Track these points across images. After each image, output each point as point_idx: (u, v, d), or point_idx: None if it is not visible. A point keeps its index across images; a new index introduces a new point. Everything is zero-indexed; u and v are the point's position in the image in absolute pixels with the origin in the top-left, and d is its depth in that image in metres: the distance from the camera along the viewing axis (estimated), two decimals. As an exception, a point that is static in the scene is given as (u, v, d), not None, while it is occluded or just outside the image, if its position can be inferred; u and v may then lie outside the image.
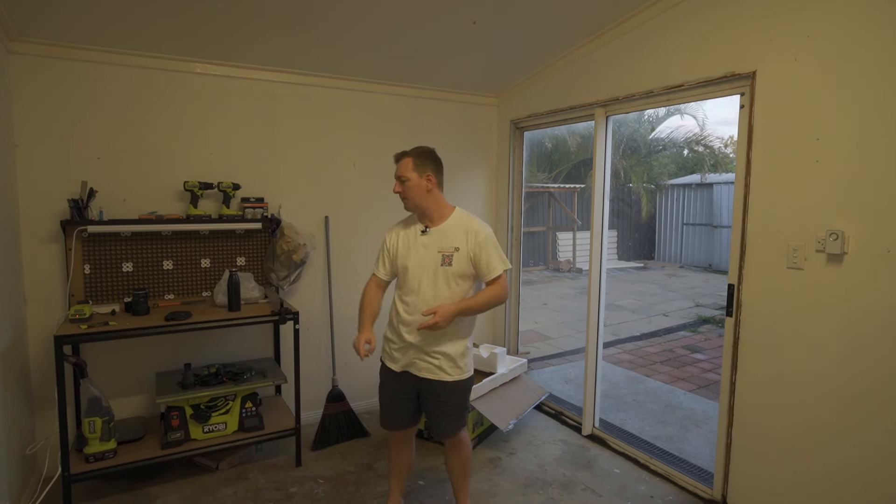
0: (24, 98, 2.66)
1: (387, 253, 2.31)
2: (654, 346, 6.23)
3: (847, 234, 2.04)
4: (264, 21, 2.69)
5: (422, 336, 2.17)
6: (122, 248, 2.90)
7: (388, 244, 2.31)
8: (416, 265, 2.18)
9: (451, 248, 2.15)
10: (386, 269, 2.32)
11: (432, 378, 2.20)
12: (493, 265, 2.15)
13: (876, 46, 1.95)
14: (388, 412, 2.34)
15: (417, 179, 2.18)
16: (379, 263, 2.34)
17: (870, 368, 2.00)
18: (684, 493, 2.72)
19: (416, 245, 2.21)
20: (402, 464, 2.46)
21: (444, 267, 2.15)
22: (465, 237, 2.16)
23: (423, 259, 2.18)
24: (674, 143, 13.41)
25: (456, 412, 2.26)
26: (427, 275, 2.16)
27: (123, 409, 2.98)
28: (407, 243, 2.24)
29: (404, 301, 2.22)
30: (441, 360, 2.18)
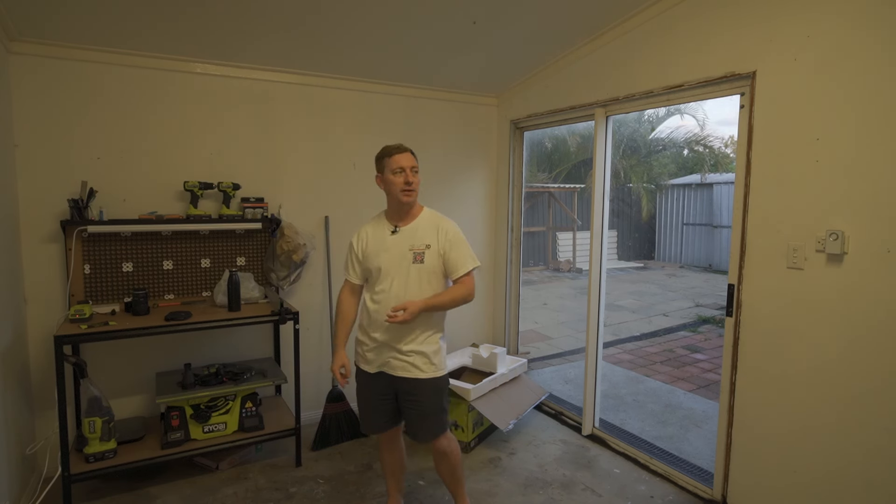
0: (24, 98, 2.66)
1: (355, 256, 2.28)
2: (654, 346, 6.23)
3: (847, 234, 2.04)
4: (264, 21, 2.69)
5: (393, 334, 2.18)
6: (122, 248, 2.90)
7: (357, 247, 2.27)
8: (388, 264, 2.18)
9: (423, 246, 2.18)
10: (357, 273, 2.29)
11: (407, 376, 2.20)
12: (464, 262, 2.19)
13: (876, 46, 1.95)
14: (367, 416, 2.34)
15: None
16: (349, 268, 2.31)
17: (870, 368, 2.00)
18: (684, 493, 2.72)
19: (387, 244, 2.20)
20: (394, 464, 2.47)
21: (416, 264, 2.16)
22: (437, 234, 2.19)
23: (395, 258, 2.18)
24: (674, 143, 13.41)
25: (434, 412, 2.24)
26: (399, 273, 2.17)
27: (123, 409, 2.98)
28: (377, 244, 2.22)
29: (375, 301, 2.21)
30: (414, 357, 2.19)
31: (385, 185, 2.21)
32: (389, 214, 2.27)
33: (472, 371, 3.64)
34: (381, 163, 2.22)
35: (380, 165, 2.23)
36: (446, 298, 2.18)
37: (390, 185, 2.18)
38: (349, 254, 2.31)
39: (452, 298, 2.19)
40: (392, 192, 2.19)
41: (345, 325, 2.32)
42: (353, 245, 2.29)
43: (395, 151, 2.20)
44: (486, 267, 4.19)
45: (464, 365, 3.71)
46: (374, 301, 2.22)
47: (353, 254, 2.29)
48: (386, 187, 2.21)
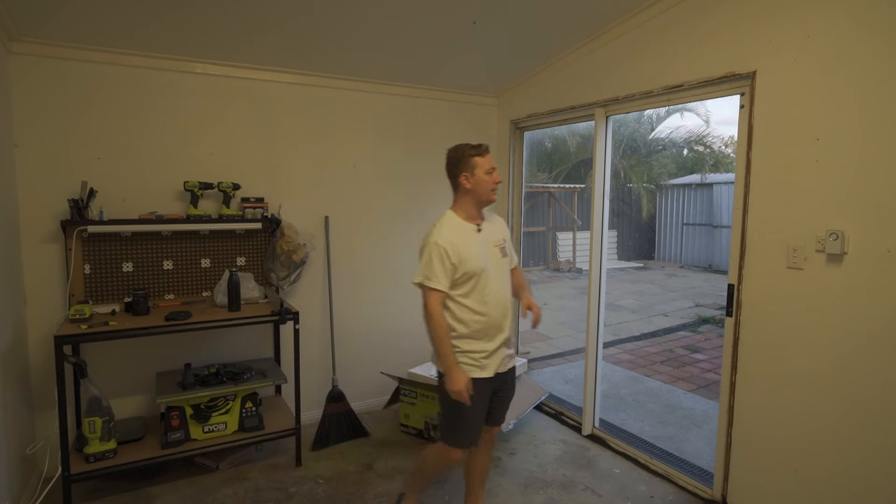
0: (23, 98, 2.66)
1: (450, 263, 2.07)
2: (654, 346, 6.23)
3: (847, 234, 2.04)
4: (264, 21, 2.69)
5: (505, 333, 2.22)
6: (122, 248, 2.90)
7: (450, 252, 2.07)
8: (488, 263, 2.15)
9: (501, 240, 2.26)
10: (449, 281, 2.10)
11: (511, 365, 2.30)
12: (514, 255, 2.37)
13: (876, 46, 1.95)
14: (476, 426, 2.20)
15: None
16: (441, 275, 2.07)
17: (870, 368, 2.00)
18: (684, 493, 2.72)
19: (480, 244, 2.15)
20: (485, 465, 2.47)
21: (504, 259, 2.25)
22: (502, 228, 2.32)
23: (490, 256, 2.17)
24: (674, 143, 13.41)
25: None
26: (497, 271, 2.19)
27: (123, 409, 2.98)
28: (470, 246, 2.12)
29: (486, 303, 2.13)
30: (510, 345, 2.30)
31: (473, 184, 2.15)
32: (466, 214, 2.18)
33: (472, 371, 3.63)
34: (471, 162, 2.15)
35: (468, 164, 2.15)
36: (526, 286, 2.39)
37: (481, 184, 2.15)
38: (440, 262, 2.07)
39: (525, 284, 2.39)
40: (480, 192, 2.15)
41: (449, 339, 2.11)
42: (444, 252, 2.07)
43: (486, 151, 2.19)
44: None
45: (464, 365, 3.70)
46: (484, 303, 2.13)
47: (446, 261, 2.07)
48: (473, 186, 2.15)
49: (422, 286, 2.10)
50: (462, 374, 2.08)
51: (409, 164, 3.75)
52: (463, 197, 2.20)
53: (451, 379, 2.06)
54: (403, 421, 3.38)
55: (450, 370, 2.07)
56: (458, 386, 2.04)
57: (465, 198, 2.19)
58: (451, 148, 2.25)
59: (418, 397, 3.29)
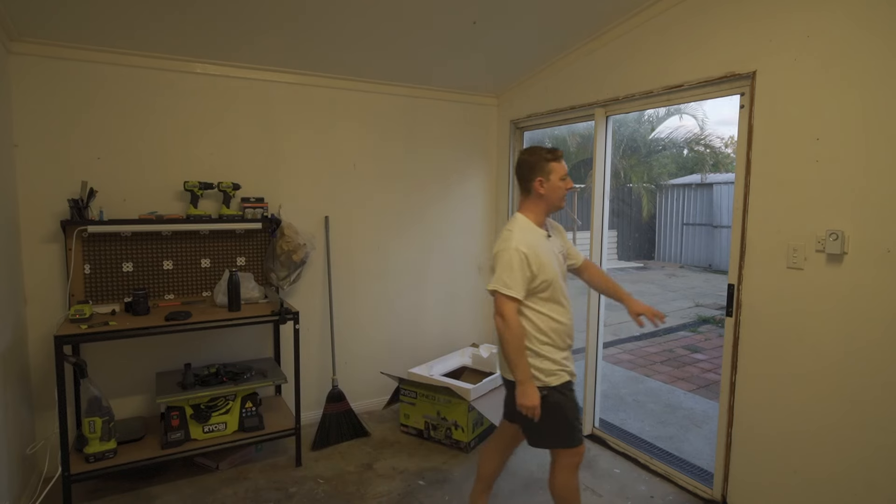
0: (23, 98, 2.66)
1: (530, 270, 2.03)
2: (654, 346, 6.23)
3: (847, 234, 2.04)
4: (265, 21, 2.69)
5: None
6: (122, 248, 2.90)
7: (531, 260, 2.03)
8: (559, 270, 2.14)
9: (561, 245, 2.25)
10: (525, 290, 2.04)
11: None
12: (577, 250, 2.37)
13: (876, 46, 1.95)
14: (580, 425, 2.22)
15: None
16: (520, 283, 2.02)
17: (870, 368, 2.00)
18: (684, 493, 2.72)
19: (549, 251, 2.12)
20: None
21: (563, 264, 2.24)
22: (563, 232, 2.32)
23: (559, 263, 2.16)
24: (674, 143, 13.40)
25: None
26: (561, 276, 2.16)
27: (123, 409, 2.98)
28: (544, 252, 2.08)
29: (563, 311, 2.15)
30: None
31: (547, 189, 2.10)
32: (536, 220, 2.14)
33: (472, 371, 3.64)
34: (547, 167, 2.09)
35: (544, 169, 2.09)
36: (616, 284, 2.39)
37: (555, 190, 2.10)
38: (520, 269, 2.01)
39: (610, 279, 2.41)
40: (553, 198, 2.11)
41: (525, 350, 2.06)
42: (526, 258, 2.02)
43: (561, 157, 2.13)
44: (487, 267, 4.19)
45: (464, 365, 3.71)
46: (562, 312, 2.14)
47: (526, 268, 2.02)
48: (547, 192, 2.10)
49: (497, 293, 2.02)
50: (535, 390, 2.02)
51: (409, 164, 3.75)
52: (535, 202, 2.14)
53: (525, 393, 2.00)
54: (403, 421, 3.38)
55: (524, 384, 2.00)
56: (533, 401, 1.99)
57: (536, 203, 2.13)
58: (524, 150, 2.20)
59: (418, 397, 3.29)
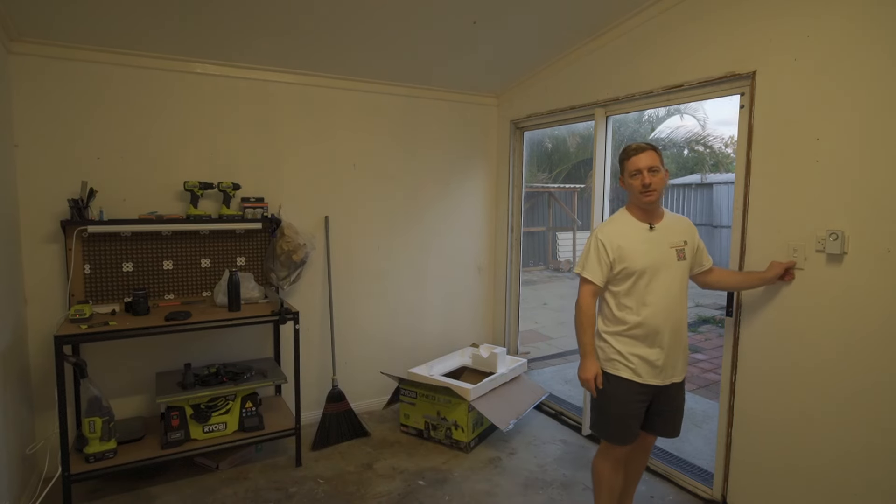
0: (24, 98, 2.66)
1: (605, 256, 2.09)
2: (654, 346, 6.22)
3: (847, 234, 2.04)
4: (265, 21, 2.69)
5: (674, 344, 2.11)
6: (122, 248, 2.90)
7: (608, 247, 2.09)
8: (655, 262, 2.08)
9: (682, 242, 2.14)
10: (604, 275, 2.12)
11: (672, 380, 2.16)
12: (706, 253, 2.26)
13: (876, 46, 1.95)
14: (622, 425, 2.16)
15: (665, 173, 2.12)
16: (595, 268, 2.11)
17: (870, 368, 2.00)
18: (684, 493, 2.72)
19: (648, 243, 2.10)
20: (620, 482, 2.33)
21: (680, 262, 2.12)
22: (688, 231, 2.19)
23: (662, 257, 2.09)
24: (674, 143, 13.40)
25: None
26: (666, 271, 2.09)
27: (123, 409, 2.98)
28: (636, 242, 2.09)
29: (648, 304, 2.08)
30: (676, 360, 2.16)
31: (626, 186, 2.15)
32: (638, 213, 2.15)
33: (472, 371, 3.64)
34: (622, 166, 2.15)
35: (622, 168, 2.16)
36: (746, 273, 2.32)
37: (630, 187, 2.12)
38: (595, 254, 2.11)
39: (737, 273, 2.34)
40: (632, 194, 2.13)
41: (592, 330, 2.16)
42: (602, 245, 2.10)
43: (633, 153, 2.10)
44: (487, 267, 4.20)
45: (464, 365, 3.71)
46: (644, 304, 2.07)
47: (602, 253, 2.10)
48: (626, 189, 2.16)
49: (579, 275, 2.17)
50: (594, 364, 2.13)
51: (409, 164, 3.75)
52: (631, 197, 2.18)
53: (582, 366, 2.15)
54: (403, 421, 3.38)
55: (584, 357, 2.15)
56: (587, 374, 2.13)
57: (631, 198, 2.18)
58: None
59: (418, 397, 3.29)
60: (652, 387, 2.12)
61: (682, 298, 2.13)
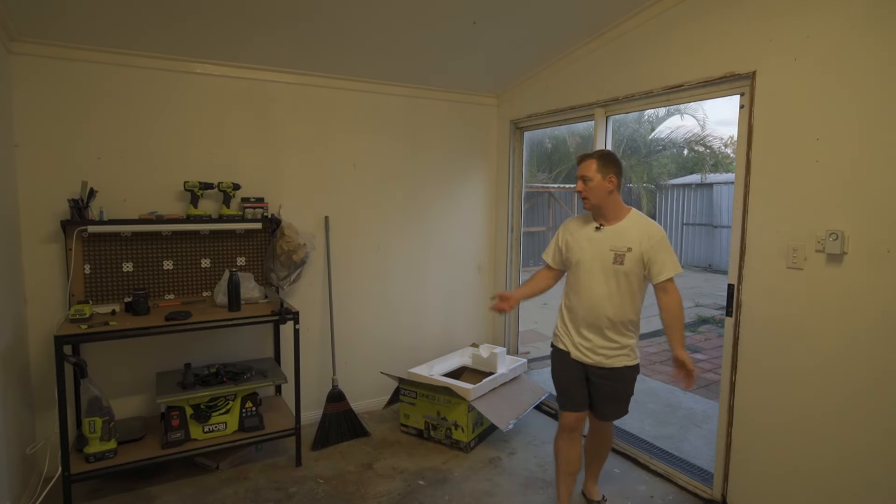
0: (24, 98, 2.66)
1: (558, 243, 2.42)
2: (654, 346, 6.23)
3: (847, 234, 2.04)
4: (265, 21, 2.69)
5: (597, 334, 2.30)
6: (122, 248, 2.90)
7: (562, 236, 2.41)
8: (588, 259, 2.28)
9: (624, 248, 2.22)
10: (555, 259, 2.44)
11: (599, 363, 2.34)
12: (664, 268, 2.20)
13: (876, 46, 1.95)
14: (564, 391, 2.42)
15: (601, 180, 2.24)
16: (551, 251, 2.46)
17: (870, 368, 2.00)
18: (684, 493, 2.72)
19: (590, 241, 2.29)
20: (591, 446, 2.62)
21: (615, 265, 2.22)
22: (640, 238, 2.21)
23: (595, 254, 2.27)
24: (674, 143, 13.40)
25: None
26: (597, 272, 2.25)
27: (123, 409, 2.98)
28: (580, 237, 2.33)
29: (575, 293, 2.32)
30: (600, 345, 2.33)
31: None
32: (593, 214, 2.34)
33: (472, 371, 3.64)
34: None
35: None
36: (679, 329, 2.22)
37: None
38: (554, 241, 2.45)
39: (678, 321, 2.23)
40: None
41: (531, 286, 2.49)
42: (558, 234, 2.44)
43: (580, 161, 2.32)
44: (487, 267, 4.20)
45: (464, 365, 3.71)
46: (574, 293, 2.33)
47: (557, 240, 2.43)
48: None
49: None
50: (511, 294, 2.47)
51: (409, 164, 3.75)
52: None
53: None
54: (403, 421, 3.38)
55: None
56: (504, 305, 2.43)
57: None
58: None
59: (418, 397, 3.29)
60: (583, 364, 2.34)
61: (611, 298, 2.24)
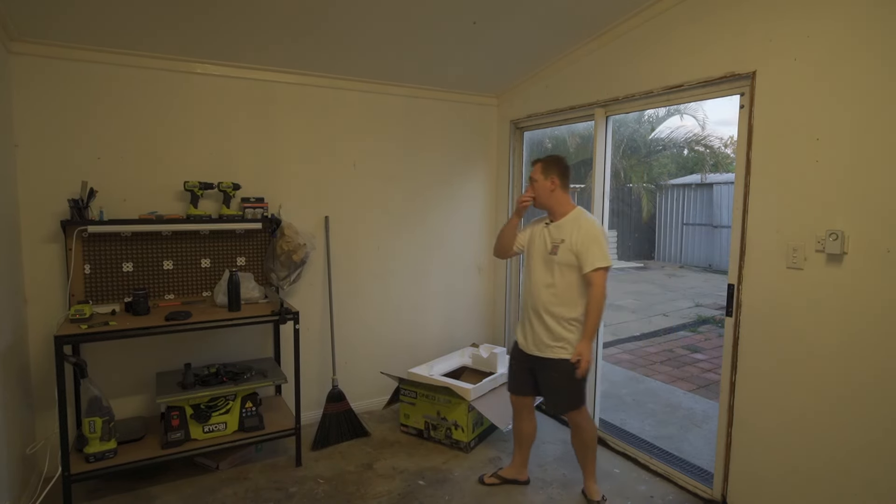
0: (24, 98, 2.66)
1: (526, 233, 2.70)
2: (654, 346, 6.23)
3: (847, 234, 2.04)
4: (265, 22, 2.69)
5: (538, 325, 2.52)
6: (122, 248, 2.90)
7: (528, 230, 2.69)
8: (535, 251, 2.58)
9: (559, 240, 2.48)
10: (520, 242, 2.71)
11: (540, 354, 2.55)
12: (591, 259, 2.39)
13: (876, 46, 1.95)
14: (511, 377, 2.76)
15: (543, 181, 2.53)
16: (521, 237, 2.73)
17: (870, 368, 2.00)
18: (684, 493, 2.72)
19: (539, 237, 2.58)
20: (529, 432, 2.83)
21: (550, 255, 2.49)
22: (572, 230, 2.46)
23: (540, 247, 2.56)
24: (674, 143, 13.40)
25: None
26: (539, 262, 2.55)
27: (123, 409, 2.98)
28: (533, 234, 2.63)
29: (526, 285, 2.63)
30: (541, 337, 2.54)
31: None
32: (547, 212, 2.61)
33: (472, 371, 3.64)
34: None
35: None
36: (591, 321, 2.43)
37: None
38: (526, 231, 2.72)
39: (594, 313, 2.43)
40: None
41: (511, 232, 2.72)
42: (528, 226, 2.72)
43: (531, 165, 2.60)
44: (487, 267, 4.20)
45: (464, 365, 3.71)
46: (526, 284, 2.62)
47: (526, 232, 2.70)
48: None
49: None
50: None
51: (409, 164, 3.75)
52: None
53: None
54: (403, 421, 3.38)
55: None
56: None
57: None
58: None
59: (418, 397, 3.29)
60: (527, 355, 2.58)
61: (549, 287, 2.49)
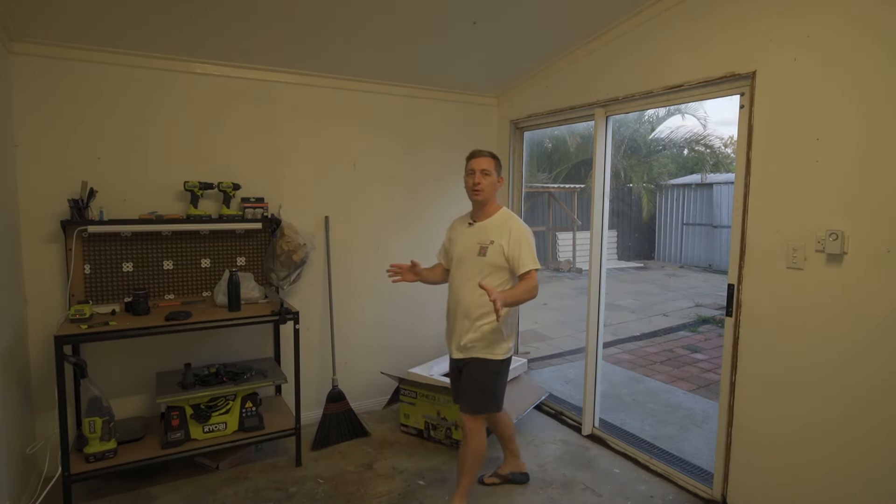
0: (24, 98, 2.66)
1: (444, 242, 2.66)
2: (654, 346, 6.23)
3: (847, 234, 2.04)
4: (265, 22, 2.69)
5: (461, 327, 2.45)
6: (122, 248, 2.90)
7: (447, 235, 2.64)
8: (461, 253, 2.48)
9: (488, 241, 2.41)
10: (442, 256, 2.67)
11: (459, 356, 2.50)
12: (524, 262, 2.36)
13: (876, 46, 1.95)
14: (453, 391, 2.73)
15: (494, 178, 2.47)
16: (441, 253, 2.69)
17: (870, 368, 2.00)
18: (684, 493, 2.72)
19: (464, 235, 2.51)
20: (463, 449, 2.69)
21: (479, 257, 2.41)
22: (502, 232, 2.40)
23: (466, 248, 2.47)
24: (674, 143, 13.41)
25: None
26: (466, 262, 2.45)
27: (123, 409, 2.98)
28: (457, 233, 2.56)
29: (450, 286, 2.53)
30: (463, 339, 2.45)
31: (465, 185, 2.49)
32: (472, 211, 2.55)
33: (472, 371, 3.63)
34: (466, 166, 2.50)
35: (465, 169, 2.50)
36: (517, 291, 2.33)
37: (465, 185, 2.48)
38: (444, 241, 2.66)
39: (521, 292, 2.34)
40: (467, 192, 2.48)
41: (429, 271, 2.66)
42: (447, 233, 2.65)
43: (472, 156, 2.49)
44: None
45: (464, 365, 3.70)
46: (451, 286, 2.53)
47: (445, 239, 2.65)
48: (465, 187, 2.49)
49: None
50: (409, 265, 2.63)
51: (409, 164, 3.75)
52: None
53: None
54: (403, 421, 3.38)
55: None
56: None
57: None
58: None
59: (418, 397, 3.29)
60: (455, 360, 2.53)
61: (471, 292, 2.38)
